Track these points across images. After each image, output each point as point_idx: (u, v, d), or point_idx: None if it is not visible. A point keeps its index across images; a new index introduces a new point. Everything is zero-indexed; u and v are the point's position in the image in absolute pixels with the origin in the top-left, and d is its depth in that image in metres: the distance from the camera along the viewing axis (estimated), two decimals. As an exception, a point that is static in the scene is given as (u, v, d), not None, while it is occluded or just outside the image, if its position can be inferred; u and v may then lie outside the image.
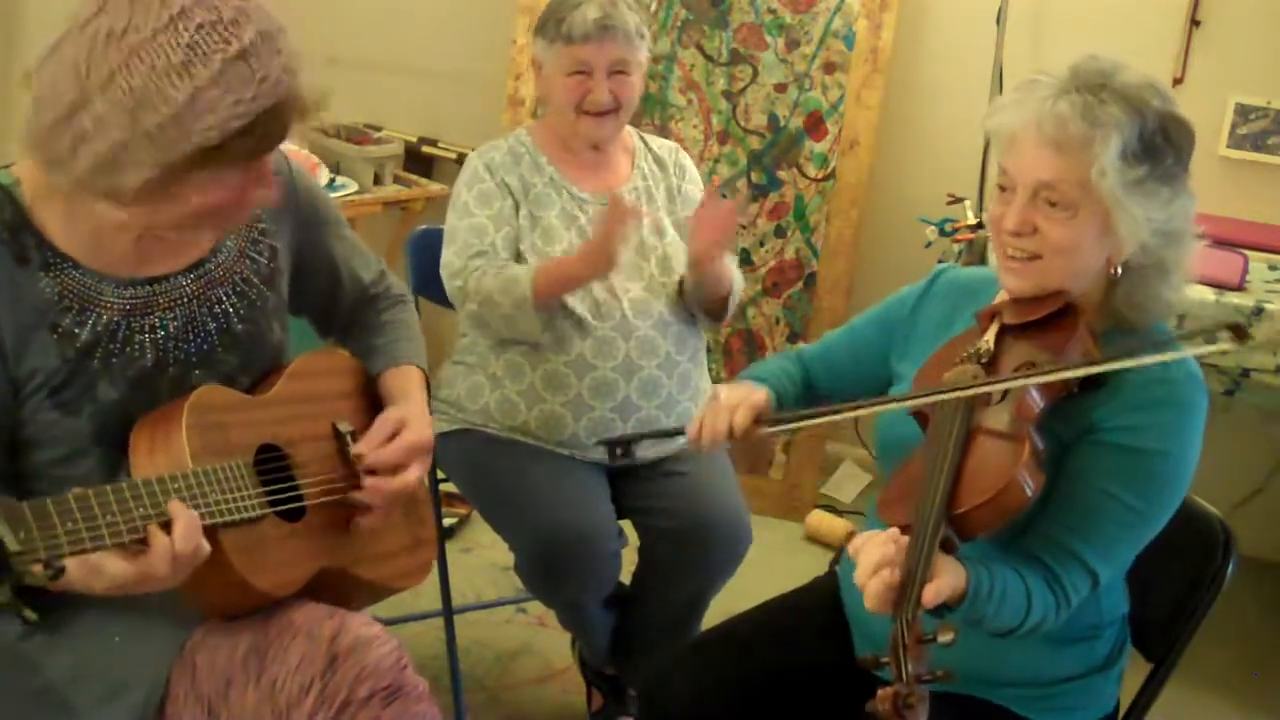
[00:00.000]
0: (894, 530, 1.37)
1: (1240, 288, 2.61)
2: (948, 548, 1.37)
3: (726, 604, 2.29)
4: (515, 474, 2.22)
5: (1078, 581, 1.47)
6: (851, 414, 1.58)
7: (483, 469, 2.26)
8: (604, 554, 2.16)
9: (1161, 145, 1.47)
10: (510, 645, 2.76)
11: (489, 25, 3.60)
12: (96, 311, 1.47)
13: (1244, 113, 3.18)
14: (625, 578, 2.34)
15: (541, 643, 2.77)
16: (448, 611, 2.44)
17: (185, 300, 1.55)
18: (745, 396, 1.65)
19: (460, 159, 2.42)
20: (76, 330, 1.46)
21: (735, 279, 2.32)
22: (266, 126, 1.35)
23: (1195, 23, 3.17)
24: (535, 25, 2.29)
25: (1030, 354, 1.49)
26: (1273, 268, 2.82)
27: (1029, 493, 1.39)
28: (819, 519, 3.37)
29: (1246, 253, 2.74)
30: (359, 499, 1.62)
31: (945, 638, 1.24)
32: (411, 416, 1.69)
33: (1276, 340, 2.55)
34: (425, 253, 2.46)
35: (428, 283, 2.46)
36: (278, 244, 1.67)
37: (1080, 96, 1.46)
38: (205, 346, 1.57)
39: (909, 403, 1.52)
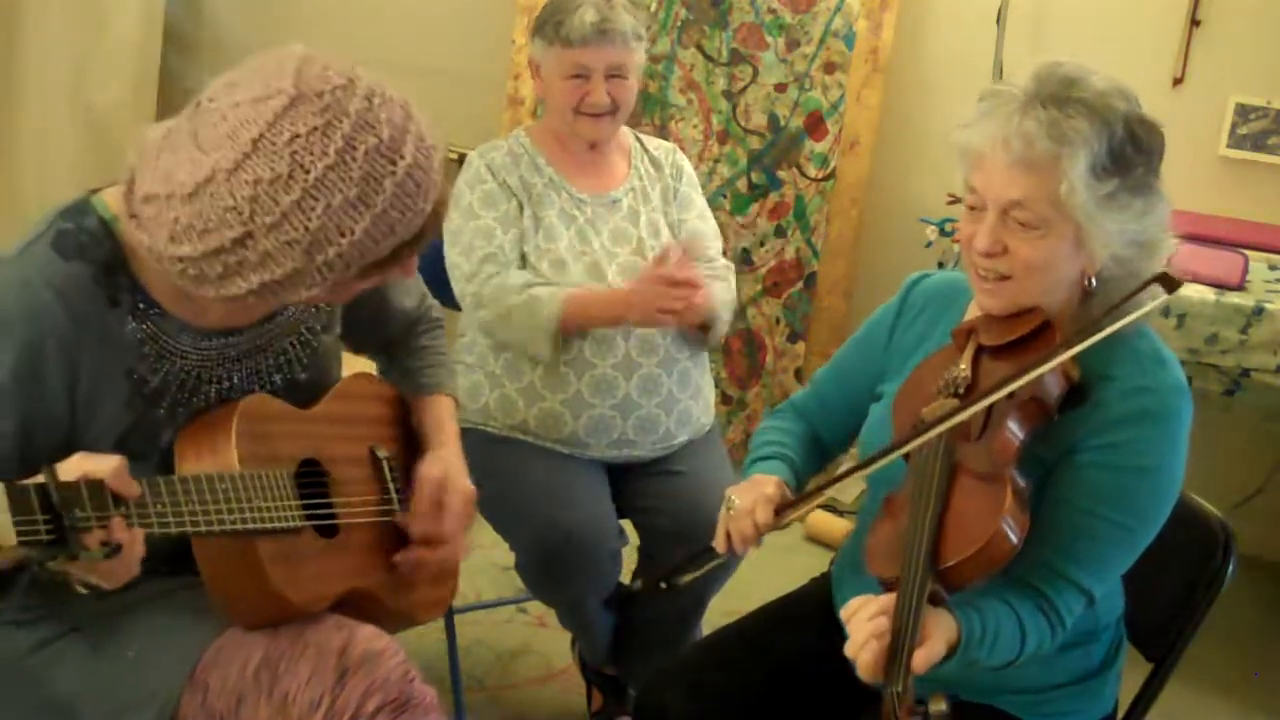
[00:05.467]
0: (885, 600, 1.34)
1: (1240, 288, 2.62)
2: (935, 600, 1.34)
3: (726, 603, 2.30)
4: (515, 473, 2.22)
5: (1071, 603, 1.45)
6: (860, 473, 1.56)
7: (482, 468, 2.23)
8: (604, 553, 2.16)
9: (1131, 155, 1.43)
10: (510, 645, 2.76)
11: (489, 25, 3.61)
12: (172, 360, 1.46)
13: (1244, 113, 3.18)
14: (625, 577, 2.34)
15: (541, 643, 2.77)
16: (448, 612, 2.44)
17: (254, 352, 1.55)
18: (758, 495, 1.63)
19: (461, 159, 2.42)
20: (150, 378, 1.44)
21: (716, 302, 2.27)
22: (430, 225, 1.37)
23: (1195, 23, 3.17)
24: (532, 27, 2.30)
25: (1009, 377, 1.44)
26: (1273, 268, 2.82)
27: (1014, 540, 1.36)
28: (819, 519, 3.37)
29: (1246, 253, 2.75)
30: (400, 561, 1.66)
31: (937, 707, 1.22)
32: (450, 472, 1.71)
33: (1276, 340, 2.55)
34: (425, 252, 2.45)
35: (428, 283, 2.45)
36: None
37: (1047, 111, 1.41)
38: (268, 392, 1.57)
39: (898, 452, 1.49)
